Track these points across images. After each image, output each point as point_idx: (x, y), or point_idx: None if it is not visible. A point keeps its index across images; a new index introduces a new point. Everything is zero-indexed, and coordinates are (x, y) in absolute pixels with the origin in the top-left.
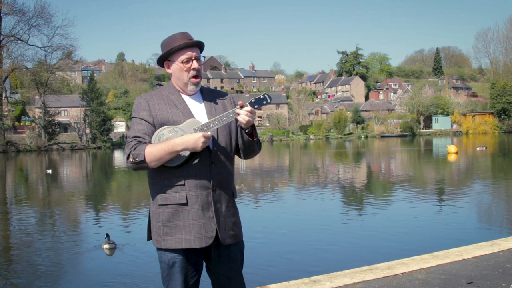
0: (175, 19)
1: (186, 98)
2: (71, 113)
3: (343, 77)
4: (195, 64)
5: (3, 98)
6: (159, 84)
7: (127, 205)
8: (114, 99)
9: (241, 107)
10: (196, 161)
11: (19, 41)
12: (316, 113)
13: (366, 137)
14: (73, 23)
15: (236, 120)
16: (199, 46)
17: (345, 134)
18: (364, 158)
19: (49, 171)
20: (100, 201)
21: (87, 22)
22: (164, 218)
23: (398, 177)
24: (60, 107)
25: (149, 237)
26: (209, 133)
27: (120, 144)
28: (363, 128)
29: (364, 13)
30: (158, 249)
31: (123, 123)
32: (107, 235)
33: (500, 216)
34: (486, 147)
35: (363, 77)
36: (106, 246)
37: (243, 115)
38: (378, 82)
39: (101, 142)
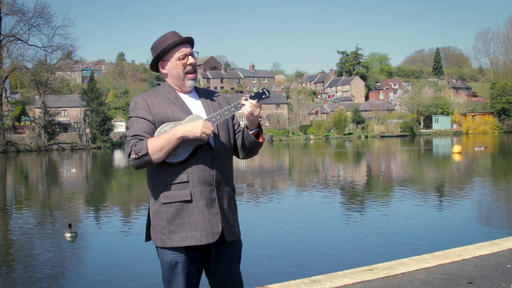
0: (175, 19)
1: (183, 96)
2: (71, 113)
3: (343, 77)
4: (191, 60)
5: (3, 98)
6: (159, 84)
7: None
8: (114, 99)
9: (246, 99)
10: (198, 156)
11: (19, 41)
12: (316, 113)
13: (366, 137)
14: (73, 23)
15: (232, 118)
16: (191, 42)
17: (345, 134)
18: (364, 158)
19: (73, 170)
20: (116, 199)
21: (87, 22)
22: (168, 216)
23: (401, 177)
24: (60, 107)
25: (148, 238)
26: (210, 123)
27: (120, 144)
28: (363, 128)
29: (364, 13)
30: (161, 249)
31: (123, 123)
32: (70, 225)
33: (500, 216)
34: (485, 147)
35: (363, 77)
36: (68, 234)
37: (247, 106)
38: (378, 82)
39: (101, 142)
